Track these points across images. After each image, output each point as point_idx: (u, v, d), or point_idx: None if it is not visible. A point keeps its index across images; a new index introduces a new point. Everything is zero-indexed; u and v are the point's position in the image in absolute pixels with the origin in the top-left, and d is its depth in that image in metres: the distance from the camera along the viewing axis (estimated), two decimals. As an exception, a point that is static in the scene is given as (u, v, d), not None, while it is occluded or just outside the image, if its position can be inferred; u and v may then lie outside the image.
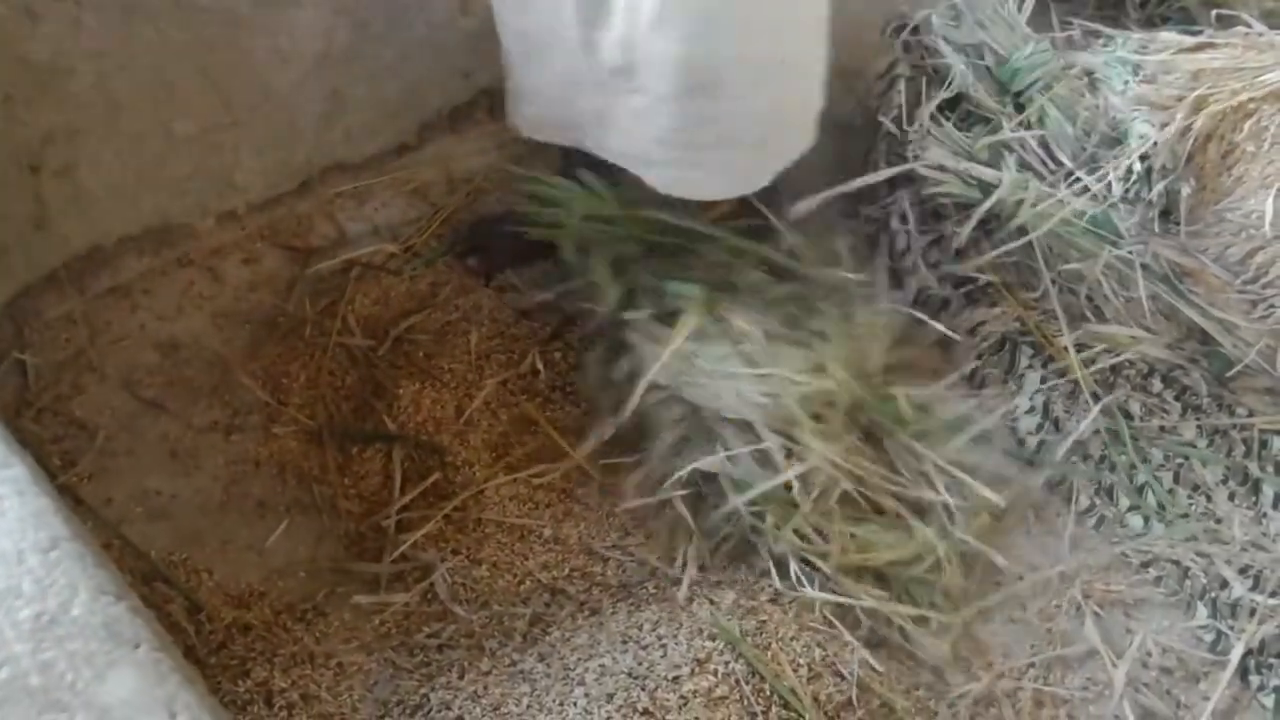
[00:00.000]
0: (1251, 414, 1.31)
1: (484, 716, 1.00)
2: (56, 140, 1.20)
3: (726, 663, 1.04)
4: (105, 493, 1.14)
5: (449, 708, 1.01)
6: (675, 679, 1.01)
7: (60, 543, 0.55)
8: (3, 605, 0.52)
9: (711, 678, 1.02)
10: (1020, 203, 1.30)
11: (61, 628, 0.52)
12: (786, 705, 1.02)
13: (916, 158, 1.33)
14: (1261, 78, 1.35)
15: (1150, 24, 1.70)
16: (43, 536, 0.55)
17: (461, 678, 1.02)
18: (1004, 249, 1.32)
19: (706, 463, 1.11)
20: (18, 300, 1.26)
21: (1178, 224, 1.35)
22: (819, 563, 1.11)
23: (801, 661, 1.06)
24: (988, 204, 1.31)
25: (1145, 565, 1.21)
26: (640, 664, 1.03)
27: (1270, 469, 1.27)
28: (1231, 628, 1.15)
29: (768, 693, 1.03)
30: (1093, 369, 1.30)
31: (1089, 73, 1.44)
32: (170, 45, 1.22)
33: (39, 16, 1.13)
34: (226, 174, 1.34)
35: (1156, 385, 1.32)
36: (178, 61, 1.24)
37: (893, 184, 1.37)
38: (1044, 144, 1.36)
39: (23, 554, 0.54)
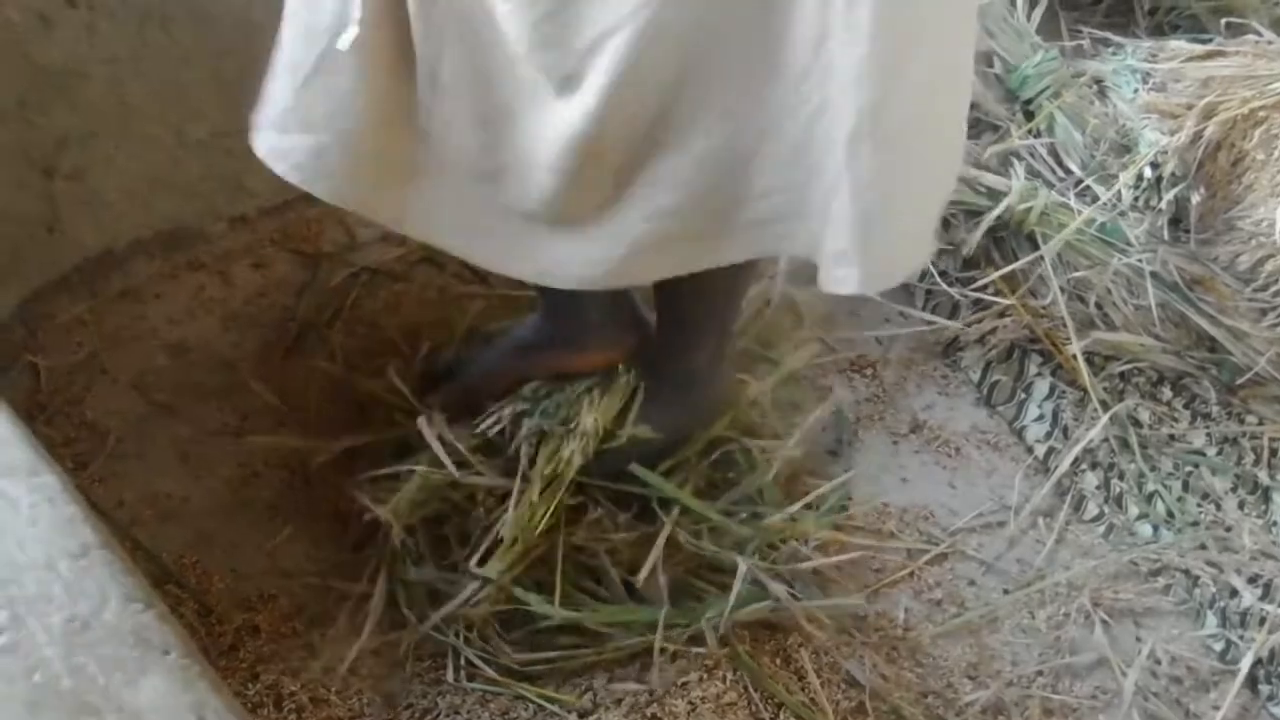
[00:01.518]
0: (1261, 422, 1.31)
1: (492, 721, 1.00)
2: (70, 144, 1.21)
3: (735, 669, 1.04)
4: (116, 495, 1.14)
5: (457, 713, 1.01)
6: (684, 685, 1.02)
7: (91, 550, 0.55)
8: (35, 610, 0.53)
9: (720, 684, 1.02)
10: (1029, 210, 1.31)
11: (93, 633, 0.53)
12: (796, 712, 1.02)
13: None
14: (1271, 86, 1.36)
15: (1159, 31, 1.70)
16: (73, 544, 0.56)
17: (471, 680, 1.03)
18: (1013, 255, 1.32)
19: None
20: (30, 303, 1.26)
21: (1187, 232, 1.36)
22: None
23: (809, 667, 1.06)
24: (996, 211, 1.31)
25: (1154, 573, 1.21)
26: (648, 669, 1.03)
27: (1280, 477, 1.27)
28: (1241, 637, 1.15)
29: (777, 699, 1.03)
30: (1101, 377, 1.30)
31: (1098, 80, 1.44)
32: (183, 50, 1.23)
33: (53, 23, 1.14)
34: (237, 178, 1.34)
35: (1166, 393, 1.32)
36: (190, 66, 1.24)
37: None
38: (1053, 152, 1.37)
39: (54, 561, 0.55)
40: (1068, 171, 1.37)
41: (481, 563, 1.03)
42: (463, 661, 1.03)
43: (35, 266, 1.26)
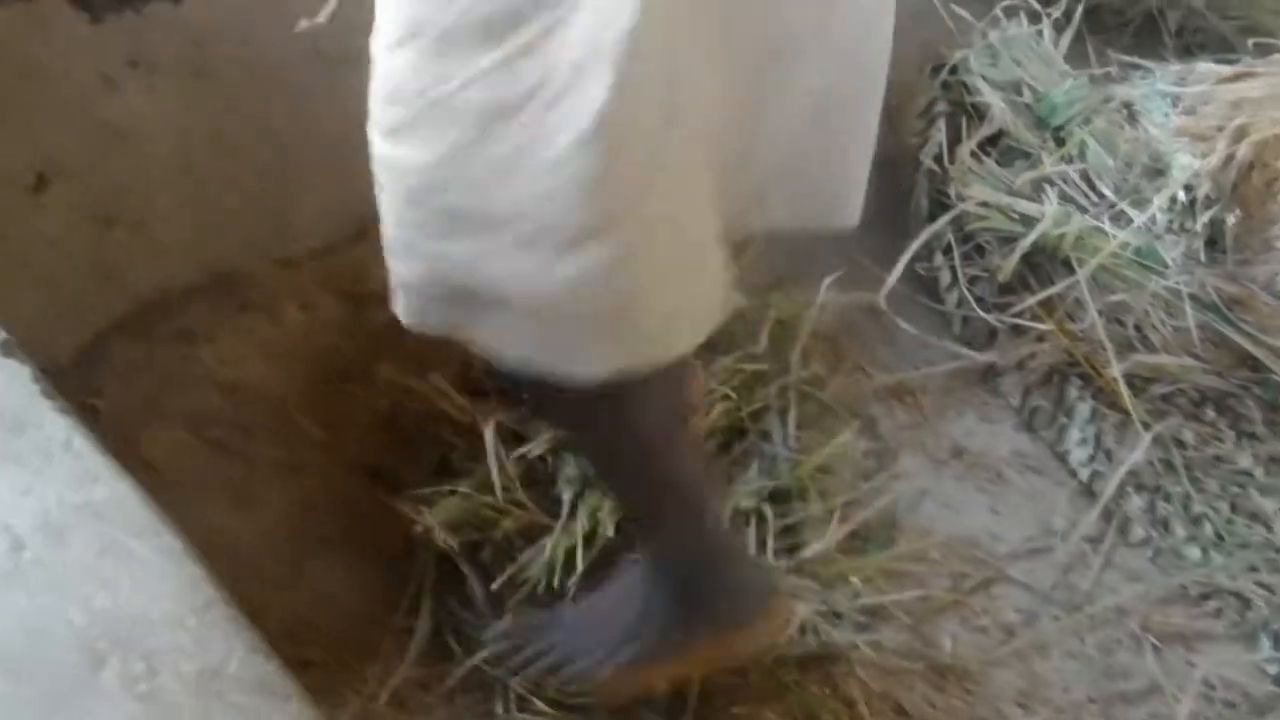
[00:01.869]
0: (1309, 441, 1.30)
1: (544, 755, 1.01)
2: (129, 196, 1.26)
3: (783, 698, 1.04)
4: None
5: (507, 744, 1.02)
6: (734, 715, 1.02)
7: (215, 605, 0.61)
8: (169, 662, 0.58)
9: (770, 714, 1.02)
10: (1064, 235, 1.31)
11: (222, 682, 0.57)
12: (845, 740, 1.02)
13: (958, 194, 1.34)
14: (1303, 106, 1.36)
15: (1187, 52, 1.71)
16: (199, 599, 0.61)
17: (521, 711, 1.03)
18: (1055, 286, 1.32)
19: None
20: (89, 347, 1.31)
21: (1224, 253, 1.36)
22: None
23: (858, 697, 1.05)
24: (1031, 237, 1.32)
25: (1205, 597, 1.19)
26: (697, 699, 1.04)
27: (1330, 497, 1.26)
28: (1297, 660, 1.13)
29: (826, 727, 1.02)
30: (1143, 399, 1.30)
31: (1127, 105, 1.46)
32: (235, 104, 1.28)
33: (115, 82, 1.20)
34: (287, 224, 1.39)
35: (1209, 414, 1.31)
36: (242, 119, 1.30)
37: (934, 219, 1.38)
38: (1085, 177, 1.38)
39: (182, 616, 0.60)
40: (1101, 196, 1.38)
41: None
42: (511, 695, 1.04)
43: (94, 312, 1.31)
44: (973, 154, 1.39)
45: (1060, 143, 1.41)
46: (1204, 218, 1.34)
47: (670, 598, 0.90)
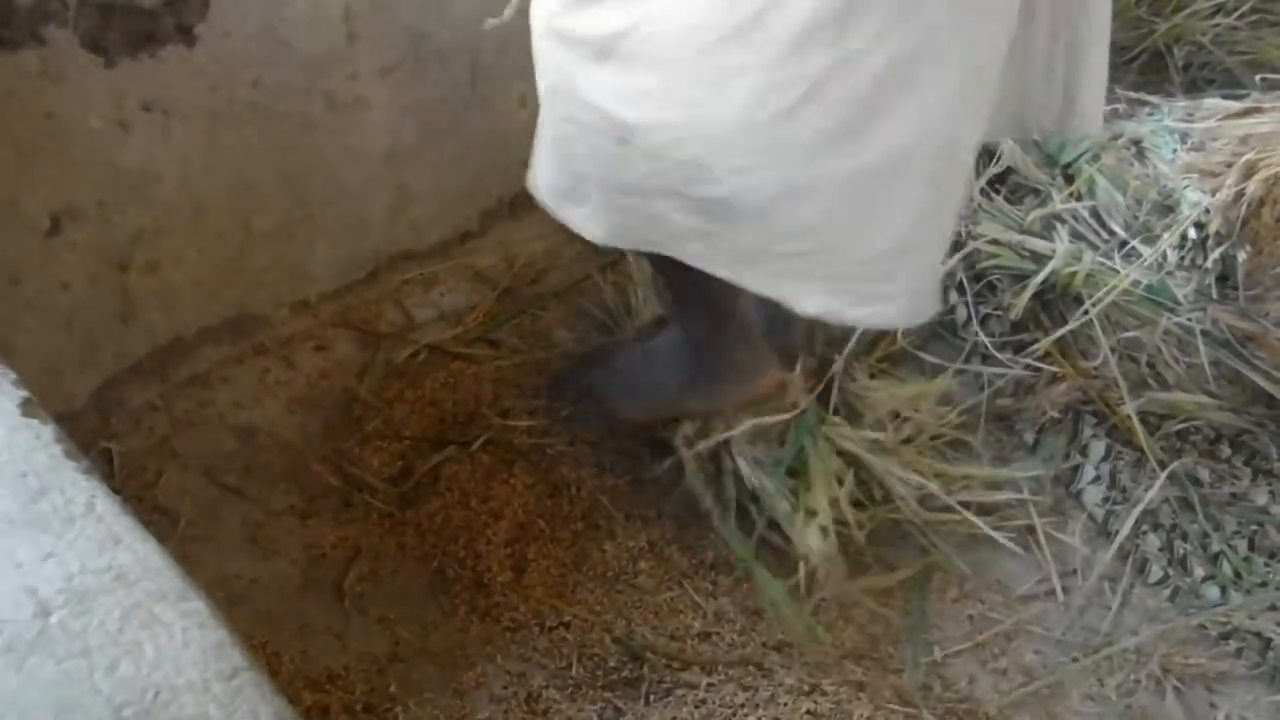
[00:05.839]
0: (1326, 479, 1.29)
1: (564, 804, 1.00)
2: (144, 239, 1.27)
3: (803, 745, 1.03)
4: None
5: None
6: None
7: (240, 671, 0.59)
8: None
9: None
10: (1075, 273, 1.32)
11: None
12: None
13: (970, 232, 1.35)
14: (1312, 142, 1.37)
15: (1194, 87, 1.72)
16: (225, 666, 0.59)
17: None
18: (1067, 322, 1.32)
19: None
20: (104, 390, 1.31)
21: (1236, 289, 1.36)
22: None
23: (877, 741, 1.05)
24: (1042, 275, 1.32)
25: (1225, 637, 1.19)
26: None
27: (1348, 535, 1.25)
28: (1320, 702, 1.12)
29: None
30: (1158, 436, 1.30)
31: (1136, 142, 1.46)
32: (250, 148, 1.29)
33: (130, 127, 1.20)
34: (300, 265, 1.39)
35: (1225, 450, 1.31)
36: (256, 163, 1.30)
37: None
38: (1095, 214, 1.38)
39: (208, 683, 0.59)
40: (1111, 233, 1.38)
41: None
42: None
43: (109, 355, 1.31)
44: (982, 191, 1.39)
45: (1069, 180, 1.41)
46: (1215, 254, 1.34)
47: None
